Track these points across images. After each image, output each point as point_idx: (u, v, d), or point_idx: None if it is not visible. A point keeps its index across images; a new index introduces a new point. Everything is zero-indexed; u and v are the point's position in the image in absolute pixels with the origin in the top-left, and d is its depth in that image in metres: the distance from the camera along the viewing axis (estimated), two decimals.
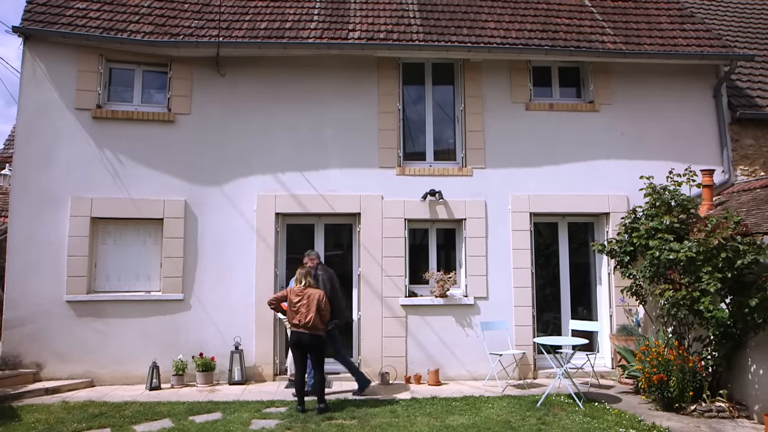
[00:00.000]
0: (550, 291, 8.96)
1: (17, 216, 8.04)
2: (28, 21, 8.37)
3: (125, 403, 6.89)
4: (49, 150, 8.15)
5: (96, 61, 8.44)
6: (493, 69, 8.96)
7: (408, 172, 8.73)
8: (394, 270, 8.42)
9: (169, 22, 8.69)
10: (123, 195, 8.20)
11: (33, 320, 7.81)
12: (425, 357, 8.25)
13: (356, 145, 8.68)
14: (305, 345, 6.60)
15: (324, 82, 8.77)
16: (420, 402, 6.98)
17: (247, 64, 8.64)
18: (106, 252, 8.24)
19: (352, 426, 6.01)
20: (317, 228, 8.74)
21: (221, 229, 8.32)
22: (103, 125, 8.33)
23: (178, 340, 7.93)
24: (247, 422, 6.12)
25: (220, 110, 8.56)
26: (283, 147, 8.56)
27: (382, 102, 8.82)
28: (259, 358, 8.12)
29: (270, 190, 8.44)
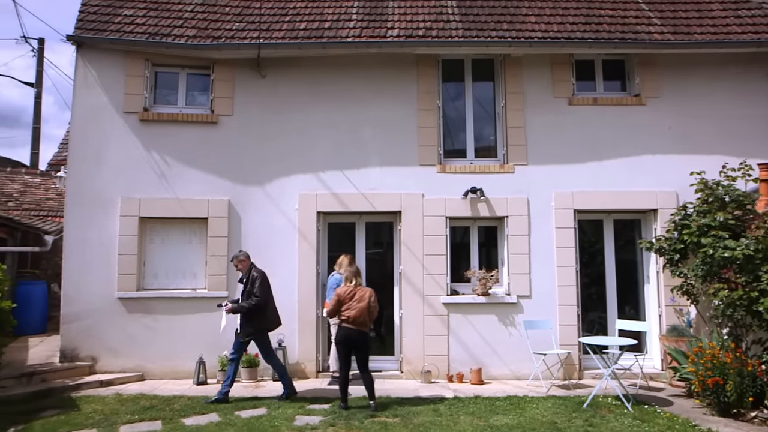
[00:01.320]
0: (595, 290, 8.75)
1: (71, 217, 8.36)
2: (81, 29, 8.68)
3: (174, 396, 7.09)
4: (99, 152, 8.44)
5: (142, 66, 8.69)
6: (535, 64, 8.81)
7: (449, 170, 8.67)
8: (435, 268, 8.38)
9: (211, 25, 8.87)
10: (169, 195, 8.42)
11: (87, 316, 8.11)
12: (467, 356, 8.18)
13: (396, 144, 8.67)
14: (354, 342, 6.62)
15: (363, 81, 8.79)
16: (463, 401, 6.93)
17: (287, 64, 8.74)
18: (154, 250, 8.48)
19: (395, 424, 6.01)
20: (358, 226, 8.78)
21: (264, 228, 8.45)
22: (149, 127, 8.57)
23: (223, 336, 8.01)
24: (291, 418, 6.20)
25: (261, 111, 8.69)
26: (323, 146, 8.63)
27: (421, 99, 8.78)
28: (302, 355, 8.22)
29: (311, 189, 8.52)
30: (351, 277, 6.76)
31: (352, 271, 6.83)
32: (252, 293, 6.99)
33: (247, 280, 7.10)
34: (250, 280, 7.06)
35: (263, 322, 7.09)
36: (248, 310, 6.98)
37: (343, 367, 6.69)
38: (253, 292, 6.98)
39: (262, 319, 7.06)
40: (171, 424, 6.02)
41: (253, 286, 7.00)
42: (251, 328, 7.01)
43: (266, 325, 7.15)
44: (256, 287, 6.99)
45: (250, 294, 7.00)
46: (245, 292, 7.08)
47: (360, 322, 6.55)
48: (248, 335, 7.04)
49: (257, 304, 6.95)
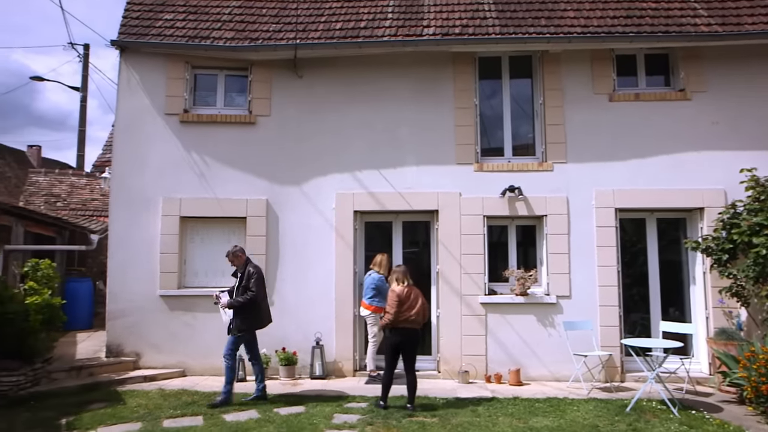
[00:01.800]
0: (637, 290, 8.52)
1: (115, 216, 8.59)
2: (124, 34, 8.92)
3: (214, 392, 7.19)
4: (142, 154, 8.65)
5: (183, 68, 8.87)
6: (574, 60, 8.63)
7: (486, 169, 8.58)
8: (473, 267, 8.30)
9: (249, 27, 8.98)
10: (209, 195, 8.57)
11: (131, 313, 8.33)
12: (506, 356, 8.09)
13: (432, 142, 8.63)
14: (412, 341, 6.64)
15: (398, 80, 8.78)
16: (501, 402, 6.84)
17: (323, 64, 8.79)
18: (194, 249, 8.65)
19: (434, 424, 5.97)
20: (395, 225, 8.78)
21: (301, 227, 8.52)
22: (189, 129, 8.74)
23: (261, 334, 8.11)
24: (329, 416, 6.23)
25: (297, 111, 8.76)
26: (360, 145, 8.65)
27: (457, 98, 8.72)
28: (339, 354, 8.26)
29: (348, 188, 8.55)
30: (402, 277, 6.70)
31: (402, 271, 6.76)
32: (247, 288, 6.84)
33: (242, 274, 6.96)
34: (246, 275, 6.91)
35: (255, 320, 6.97)
36: (242, 305, 6.83)
37: (391, 367, 6.61)
38: (249, 287, 6.84)
39: (254, 316, 6.93)
40: (212, 419, 6.13)
41: (249, 281, 6.86)
42: (244, 324, 6.87)
43: (258, 323, 7.03)
44: (251, 282, 6.85)
45: (245, 289, 6.85)
46: (239, 287, 6.95)
47: (419, 321, 6.59)
48: (240, 331, 6.89)
49: (252, 299, 6.81)
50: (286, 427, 5.82)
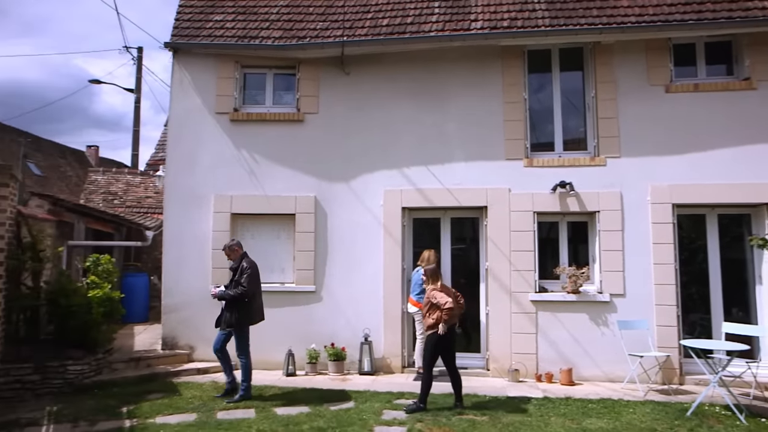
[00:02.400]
0: (696, 289, 8.18)
1: (170, 213, 8.86)
2: (176, 36, 9.16)
3: (266, 386, 7.34)
4: (194, 152, 8.87)
5: (232, 68, 9.04)
6: (628, 50, 8.34)
7: (536, 164, 8.41)
8: (522, 264, 8.16)
9: (296, 26, 9.08)
10: (258, 192, 8.72)
11: (185, 307, 8.57)
12: (557, 355, 7.92)
13: (481, 138, 8.51)
14: (454, 338, 6.62)
15: (446, 75, 8.70)
16: (553, 402, 6.71)
17: (370, 61, 8.79)
18: (245, 245, 8.68)
19: (483, 422, 5.91)
20: (443, 222, 8.71)
21: (349, 224, 8.57)
22: (239, 127, 8.91)
23: (310, 329, 8.29)
24: (378, 412, 6.25)
25: (345, 108, 8.80)
26: (407, 142, 8.62)
27: (506, 92, 8.57)
28: (387, 350, 8.27)
29: (396, 184, 8.54)
30: (438, 277, 6.63)
31: (432, 271, 6.65)
32: (239, 283, 6.76)
33: (237, 269, 6.90)
34: (240, 270, 6.83)
35: (246, 315, 6.86)
36: (233, 298, 6.74)
37: (432, 366, 6.50)
38: (240, 281, 6.75)
39: (245, 311, 6.83)
40: (264, 412, 6.24)
41: (241, 276, 6.77)
42: (233, 319, 6.79)
43: (249, 319, 6.92)
44: (243, 277, 6.75)
45: (237, 283, 6.77)
46: (233, 281, 6.88)
47: (456, 317, 6.51)
48: (229, 326, 6.83)
49: (243, 294, 6.70)
50: (336, 422, 5.87)
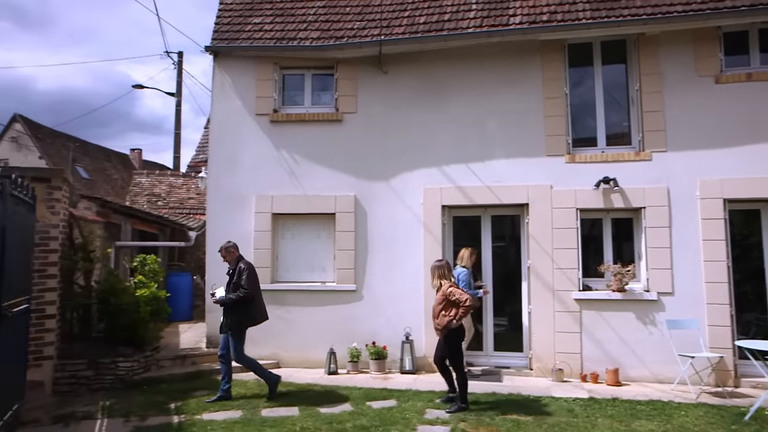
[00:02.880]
0: (751, 288, 7.87)
1: (212, 214, 9.03)
2: (216, 40, 9.34)
3: (308, 384, 7.42)
4: (235, 153, 9.02)
5: (271, 70, 9.15)
6: (674, 41, 8.08)
7: (578, 160, 8.24)
8: (565, 262, 8.01)
9: (333, 26, 9.13)
10: (298, 192, 8.80)
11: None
12: (602, 355, 7.74)
13: (521, 134, 8.39)
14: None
15: (484, 72, 8.61)
16: (600, 403, 6.56)
17: (407, 59, 8.76)
18: (286, 245, 8.93)
19: (528, 423, 5.82)
20: (483, 220, 8.62)
21: (389, 223, 8.57)
22: (279, 128, 9.02)
23: (351, 328, 8.32)
24: (421, 411, 6.23)
25: (383, 107, 8.80)
26: (446, 139, 8.56)
27: (546, 87, 8.42)
28: (429, 349, 8.20)
29: (435, 182, 8.50)
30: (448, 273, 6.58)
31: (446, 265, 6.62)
32: (239, 285, 6.63)
33: (234, 271, 6.77)
34: (237, 272, 6.71)
35: (247, 317, 6.79)
36: (234, 302, 6.64)
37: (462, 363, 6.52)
38: (240, 284, 6.63)
39: (246, 313, 6.74)
40: (307, 410, 6.30)
41: (240, 278, 6.65)
42: (233, 322, 6.69)
43: (250, 321, 6.85)
44: (243, 279, 6.63)
45: (237, 286, 6.65)
46: (231, 284, 6.75)
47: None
48: (231, 329, 6.71)
49: (245, 296, 6.61)
50: (379, 420, 5.88)
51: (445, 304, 6.33)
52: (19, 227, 5.81)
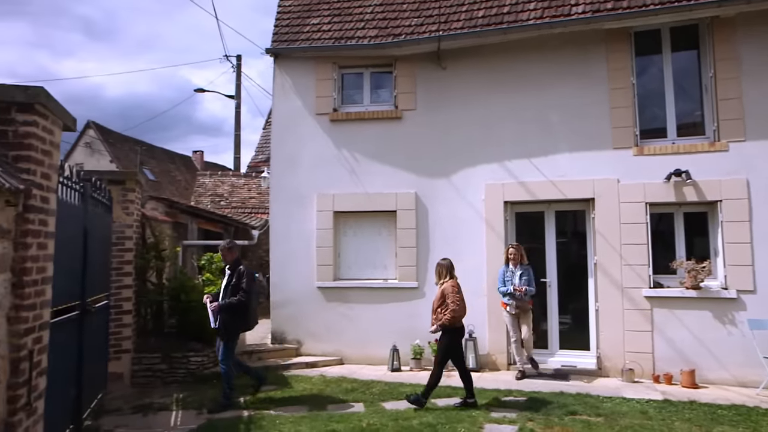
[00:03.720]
0: None
1: (275, 213, 9.23)
2: (276, 42, 9.53)
3: (372, 381, 7.47)
4: (296, 153, 9.17)
5: (330, 69, 9.25)
6: (752, 22, 7.63)
7: (647, 152, 7.92)
8: (634, 258, 7.72)
9: (391, 23, 9.14)
10: (359, 190, 8.87)
11: (292, 303, 8.90)
12: (676, 355, 7.42)
13: (585, 127, 8.15)
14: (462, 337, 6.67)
15: (546, 64, 8.40)
16: (675, 405, 6.29)
17: (466, 54, 8.67)
18: (347, 243, 9.01)
19: (599, 424, 5.65)
20: (547, 215, 8.43)
21: (450, 219, 8.51)
22: (338, 127, 9.11)
23: (414, 325, 8.30)
24: (487, 409, 6.16)
25: (443, 103, 8.74)
26: (508, 134, 8.42)
27: (612, 78, 8.14)
28: (492, 347, 8.14)
29: (497, 178, 8.37)
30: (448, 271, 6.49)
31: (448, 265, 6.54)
32: (239, 287, 6.40)
33: (233, 272, 6.51)
34: (237, 274, 6.47)
35: (243, 321, 6.59)
36: (236, 306, 6.40)
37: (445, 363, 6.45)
38: (241, 286, 6.40)
39: (243, 317, 6.53)
40: (372, 407, 6.35)
41: (240, 281, 6.42)
42: (230, 325, 6.46)
43: (244, 326, 6.69)
44: (243, 282, 6.41)
45: (237, 287, 6.41)
46: (230, 285, 6.46)
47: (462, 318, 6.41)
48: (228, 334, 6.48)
49: (245, 300, 6.41)
50: (445, 418, 5.85)
51: (442, 302, 6.31)
52: (98, 228, 6.14)
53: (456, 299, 6.23)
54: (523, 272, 7.64)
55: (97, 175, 6.65)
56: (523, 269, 7.67)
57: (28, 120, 3.68)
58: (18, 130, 3.65)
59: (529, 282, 7.61)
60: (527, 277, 7.64)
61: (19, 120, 3.66)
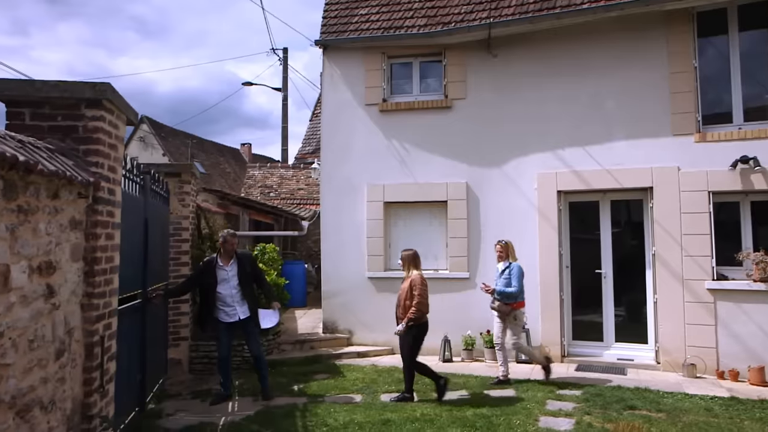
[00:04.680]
0: None
1: (326, 204, 9.31)
2: (325, 33, 9.56)
3: None
4: (346, 144, 9.21)
5: (379, 60, 9.22)
6: None
7: (710, 138, 7.57)
8: (696, 249, 7.42)
9: (440, 12, 9.02)
10: (409, 180, 8.84)
11: (343, 293, 8.98)
12: (742, 350, 7.10)
13: (643, 113, 7.85)
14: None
15: (600, 49, 8.14)
16: (743, 403, 6.02)
17: (517, 41, 8.48)
18: (398, 233, 9.01)
19: (661, 420, 5.47)
20: (602, 205, 8.19)
21: (502, 209, 8.39)
22: (388, 117, 9.09)
23: (465, 316, 8.26)
24: (542, 402, 6.07)
25: (493, 91, 8.60)
26: (561, 122, 8.21)
27: (672, 61, 7.80)
28: (546, 339, 8.00)
29: (550, 167, 8.19)
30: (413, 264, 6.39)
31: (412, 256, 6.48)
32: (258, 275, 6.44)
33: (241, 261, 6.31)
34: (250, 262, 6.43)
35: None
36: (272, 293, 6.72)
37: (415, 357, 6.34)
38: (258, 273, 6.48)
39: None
40: (425, 397, 6.34)
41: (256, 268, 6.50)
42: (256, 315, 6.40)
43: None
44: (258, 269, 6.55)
45: (254, 276, 6.37)
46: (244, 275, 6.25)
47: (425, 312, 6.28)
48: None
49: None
50: (500, 410, 5.79)
51: (408, 294, 6.18)
52: (157, 219, 6.34)
53: (423, 291, 6.12)
54: (504, 270, 6.94)
55: (155, 168, 6.88)
56: (506, 267, 6.94)
57: (96, 115, 3.81)
58: (87, 125, 3.78)
59: (508, 283, 6.84)
60: (508, 276, 6.87)
61: (88, 115, 3.79)
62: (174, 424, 5.48)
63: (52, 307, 3.18)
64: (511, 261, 7.02)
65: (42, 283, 3.05)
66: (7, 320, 2.65)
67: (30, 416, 2.89)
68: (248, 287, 6.33)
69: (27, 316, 2.86)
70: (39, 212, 3.03)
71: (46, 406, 3.09)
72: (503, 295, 6.89)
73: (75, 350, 3.54)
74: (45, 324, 3.08)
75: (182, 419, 5.66)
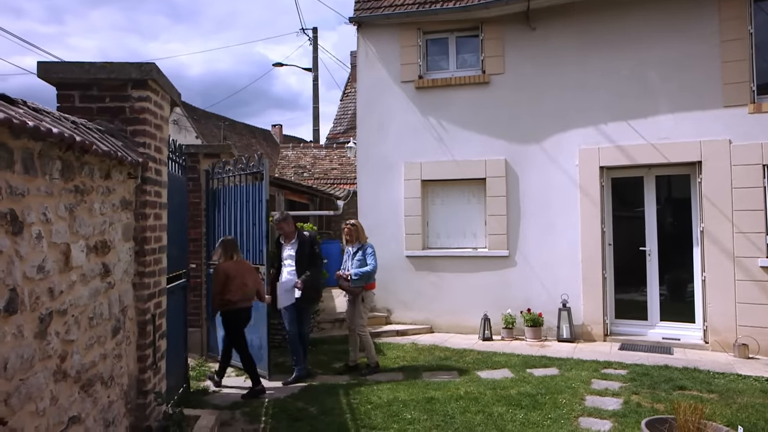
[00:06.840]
0: None
1: (363, 182, 9.27)
2: (359, 10, 9.41)
3: (464, 350, 7.43)
4: (382, 122, 9.13)
5: (415, 36, 9.06)
6: None
7: (765, 109, 7.23)
8: (748, 225, 7.15)
9: None
10: (447, 158, 8.72)
11: (381, 271, 8.87)
12: None
13: (690, 85, 7.55)
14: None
15: (643, 19, 7.81)
16: None
17: (557, 13, 8.21)
18: (436, 211, 8.93)
19: (713, 401, 5.32)
20: (647, 180, 7.95)
21: (542, 186, 8.22)
22: (424, 94, 8.95)
23: (504, 294, 8.18)
24: (587, 381, 5.98)
25: (532, 66, 8.37)
26: (603, 96, 7.95)
27: (723, 29, 7.44)
28: (588, 317, 7.87)
29: (592, 142, 7.97)
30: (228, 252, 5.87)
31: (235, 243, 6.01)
32: (315, 255, 6.40)
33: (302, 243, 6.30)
34: (309, 243, 6.35)
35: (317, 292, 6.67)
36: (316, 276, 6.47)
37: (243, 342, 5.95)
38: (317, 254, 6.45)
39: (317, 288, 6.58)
40: (467, 375, 6.33)
41: (314, 250, 6.39)
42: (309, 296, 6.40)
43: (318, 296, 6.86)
44: (318, 250, 6.50)
45: (312, 256, 6.33)
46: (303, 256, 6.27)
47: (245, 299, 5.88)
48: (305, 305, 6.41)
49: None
50: (545, 388, 5.73)
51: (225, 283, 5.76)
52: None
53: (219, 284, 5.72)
54: (357, 252, 6.62)
55: (194, 149, 6.93)
56: (359, 248, 6.64)
57: (142, 96, 3.82)
58: (134, 105, 3.79)
59: (363, 263, 6.54)
60: (362, 257, 6.58)
61: (134, 96, 3.79)
62: (221, 401, 5.59)
63: (108, 286, 3.24)
64: (362, 242, 6.70)
65: (98, 262, 3.10)
66: (70, 297, 2.70)
67: (93, 390, 2.96)
68: (305, 268, 6.29)
69: (86, 294, 2.91)
70: (93, 192, 3.06)
71: (106, 382, 3.16)
72: (361, 276, 6.49)
73: (129, 328, 3.61)
74: (102, 302, 3.14)
75: (228, 396, 5.77)
